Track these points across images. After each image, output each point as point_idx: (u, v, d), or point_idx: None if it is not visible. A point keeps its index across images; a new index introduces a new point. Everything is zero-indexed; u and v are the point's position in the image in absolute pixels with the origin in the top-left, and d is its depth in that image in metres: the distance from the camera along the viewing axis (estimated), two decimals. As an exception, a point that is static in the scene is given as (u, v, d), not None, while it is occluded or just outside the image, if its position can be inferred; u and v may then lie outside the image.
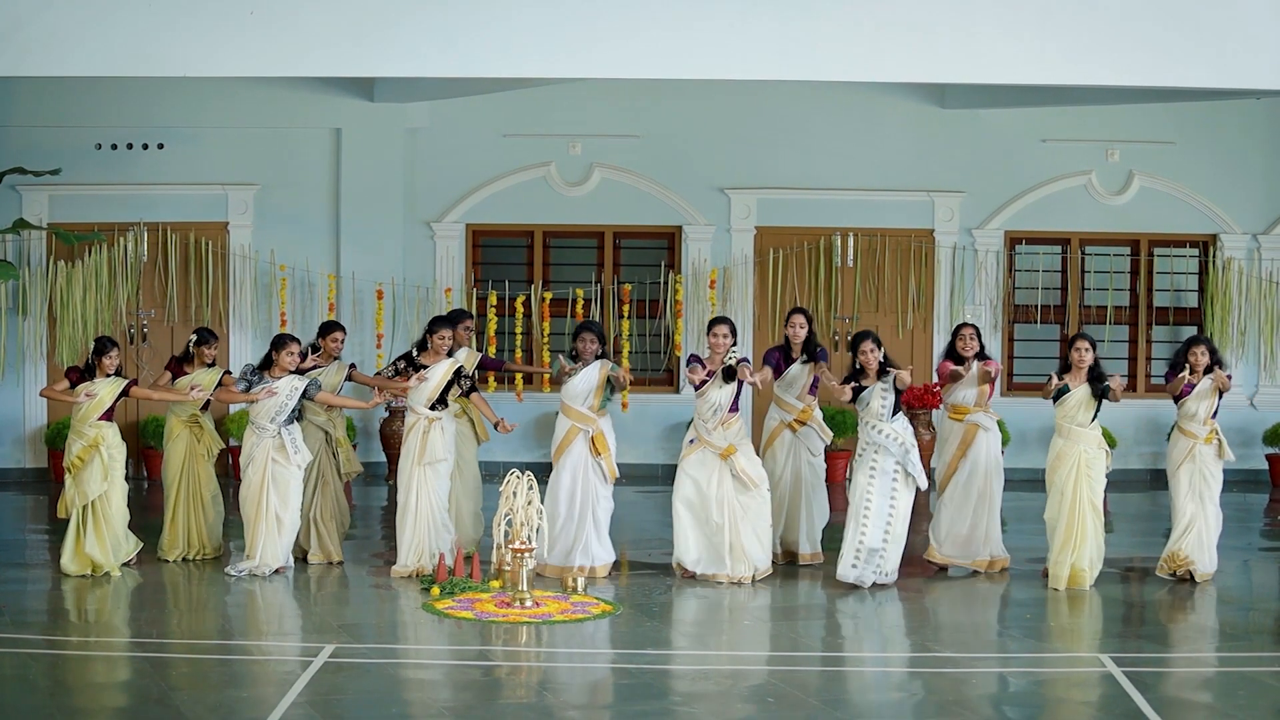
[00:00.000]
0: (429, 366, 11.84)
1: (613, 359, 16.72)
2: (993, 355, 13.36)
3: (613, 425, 12.14)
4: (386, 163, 17.47)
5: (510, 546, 10.71)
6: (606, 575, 11.85)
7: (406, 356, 12.02)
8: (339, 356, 12.56)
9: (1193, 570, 11.77)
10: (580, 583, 11.34)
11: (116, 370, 11.88)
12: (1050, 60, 12.16)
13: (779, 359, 12.34)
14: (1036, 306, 17.90)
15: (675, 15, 11.96)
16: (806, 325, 12.33)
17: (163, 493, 12.58)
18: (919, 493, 11.79)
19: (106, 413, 11.78)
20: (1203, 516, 11.81)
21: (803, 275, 17.71)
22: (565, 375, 11.96)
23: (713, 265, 17.65)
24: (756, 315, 17.68)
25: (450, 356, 11.94)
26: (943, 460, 12.22)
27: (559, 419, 12.06)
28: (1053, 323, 17.95)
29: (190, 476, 12.44)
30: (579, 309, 17.40)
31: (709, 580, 11.63)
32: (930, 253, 17.73)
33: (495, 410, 12.38)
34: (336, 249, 17.41)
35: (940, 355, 12.53)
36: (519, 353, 17.32)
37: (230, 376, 12.32)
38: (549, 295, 17.49)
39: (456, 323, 12.31)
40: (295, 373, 11.87)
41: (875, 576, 11.50)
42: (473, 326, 13.11)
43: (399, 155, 17.50)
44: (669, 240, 17.88)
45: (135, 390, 12.01)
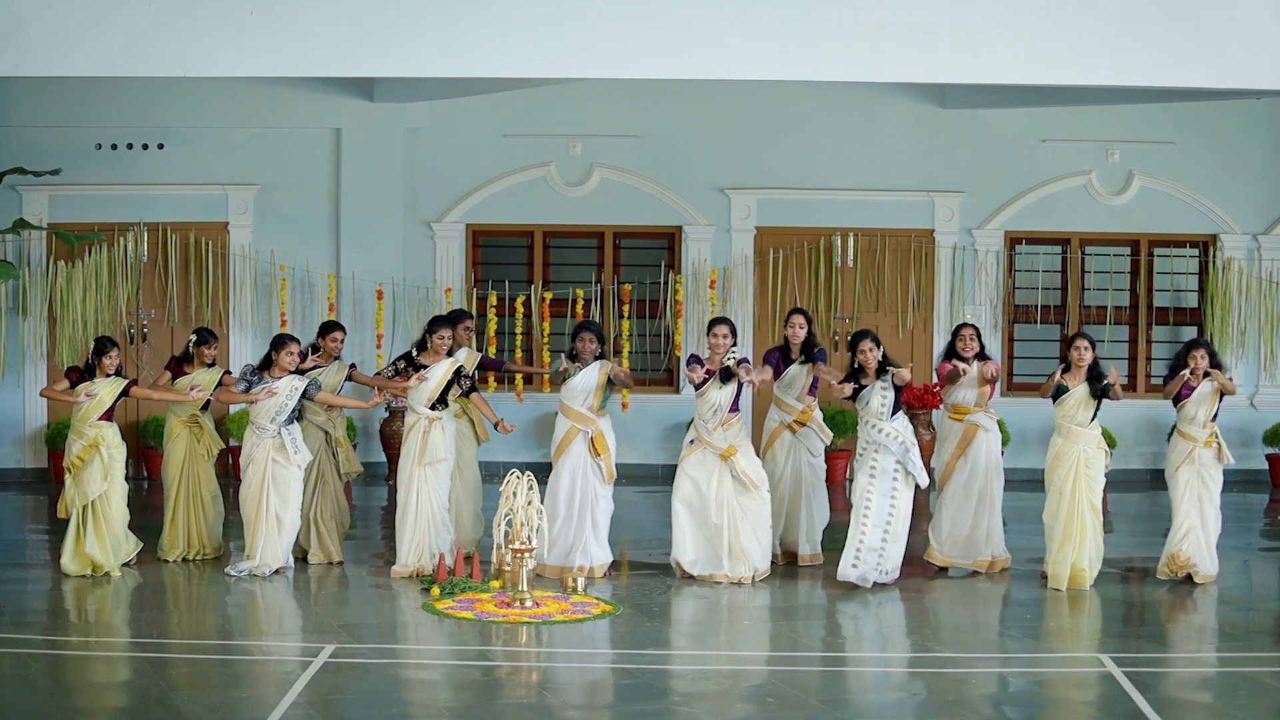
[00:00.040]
0: (429, 366, 11.84)
1: (612, 359, 16.87)
2: (993, 355, 13.35)
3: (612, 426, 12.13)
4: (386, 163, 17.47)
5: (510, 546, 10.71)
6: (604, 575, 11.86)
7: (406, 356, 12.02)
8: (339, 356, 12.56)
9: (1193, 573, 11.75)
10: (580, 583, 11.34)
11: (116, 370, 11.88)
12: (1050, 60, 12.15)
13: (778, 360, 12.34)
14: (1036, 306, 17.90)
15: (675, 15, 11.96)
16: (806, 326, 12.33)
17: (163, 493, 12.57)
18: (919, 492, 11.79)
19: (106, 413, 11.78)
20: (1201, 519, 11.78)
21: (803, 275, 17.71)
22: (563, 375, 11.96)
23: (713, 265, 17.65)
24: (756, 315, 17.68)
25: (450, 356, 11.95)
26: (941, 459, 12.22)
27: (558, 419, 12.06)
28: (1053, 323, 17.95)
29: (190, 476, 12.44)
30: (579, 309, 17.40)
31: (707, 580, 11.63)
32: (930, 253, 17.73)
33: (495, 410, 12.37)
34: (336, 249, 17.41)
35: (940, 355, 12.51)
36: (519, 353, 17.32)
37: (230, 376, 12.32)
38: (549, 295, 17.49)
39: (456, 323, 12.31)
40: (295, 373, 11.87)
41: (877, 575, 11.49)
42: (472, 327, 13.10)
43: (399, 155, 17.50)
44: (669, 240, 17.89)
45: (135, 390, 12.01)
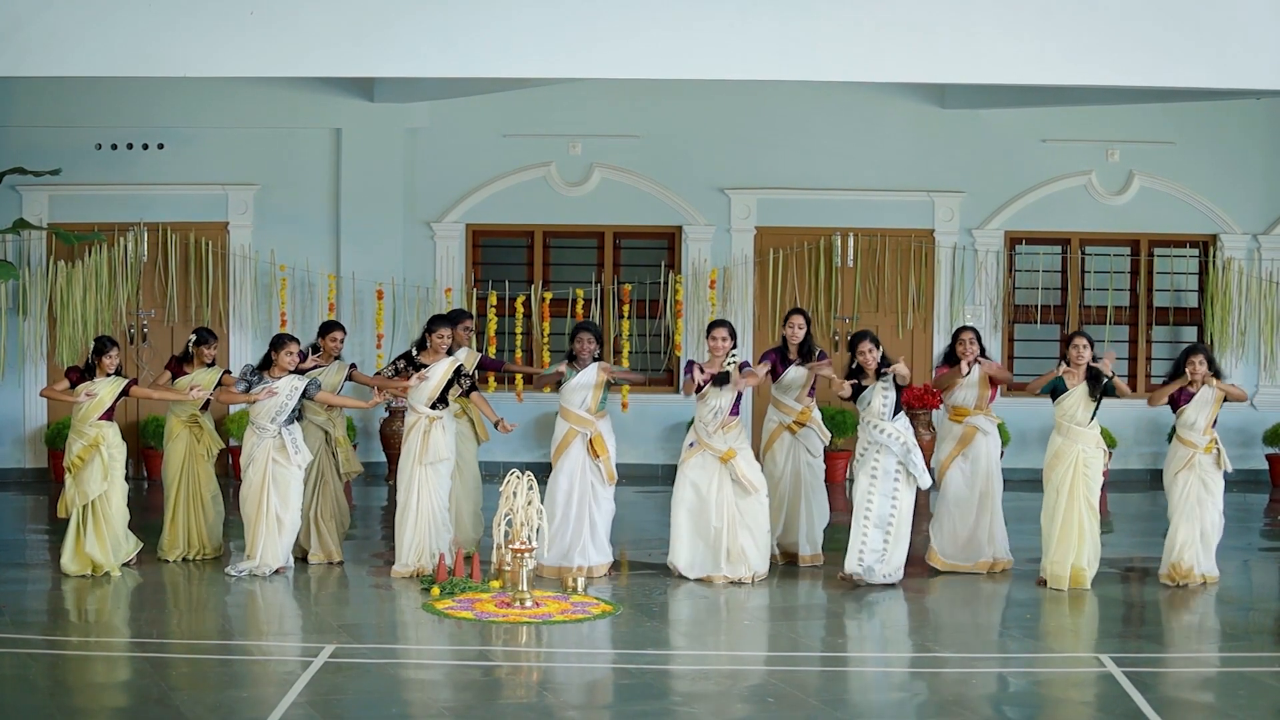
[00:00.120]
0: (429, 366, 11.84)
1: (612, 359, 16.88)
2: (993, 356, 13.34)
3: (612, 427, 12.13)
4: (386, 163, 17.47)
5: (510, 546, 10.71)
6: (603, 576, 11.85)
7: (406, 356, 12.01)
8: (339, 356, 12.56)
9: (1189, 581, 11.68)
10: (580, 583, 11.34)
11: (116, 370, 11.89)
12: (1050, 60, 12.15)
13: (775, 360, 12.34)
14: (1036, 306, 17.90)
15: (675, 15, 11.96)
16: (805, 326, 12.32)
17: (163, 493, 12.58)
18: (920, 492, 11.78)
19: (107, 412, 11.78)
20: (1202, 525, 11.72)
21: (803, 275, 17.71)
22: (558, 379, 11.92)
23: (713, 265, 17.65)
24: (756, 315, 17.68)
25: (450, 356, 11.94)
26: (938, 458, 12.20)
27: (558, 421, 12.06)
28: (1053, 323, 17.95)
29: (190, 476, 12.44)
30: (579, 309, 17.40)
31: (706, 581, 11.63)
32: (930, 253, 17.73)
33: (495, 410, 12.37)
34: (336, 249, 17.42)
35: (939, 358, 12.47)
36: (519, 353, 17.32)
37: (230, 376, 12.32)
38: (549, 295, 17.49)
39: (456, 322, 12.30)
40: (295, 372, 11.87)
41: (880, 576, 11.47)
42: (472, 327, 13.10)
43: (399, 155, 17.51)
44: (669, 240, 17.89)
45: (135, 390, 12.01)
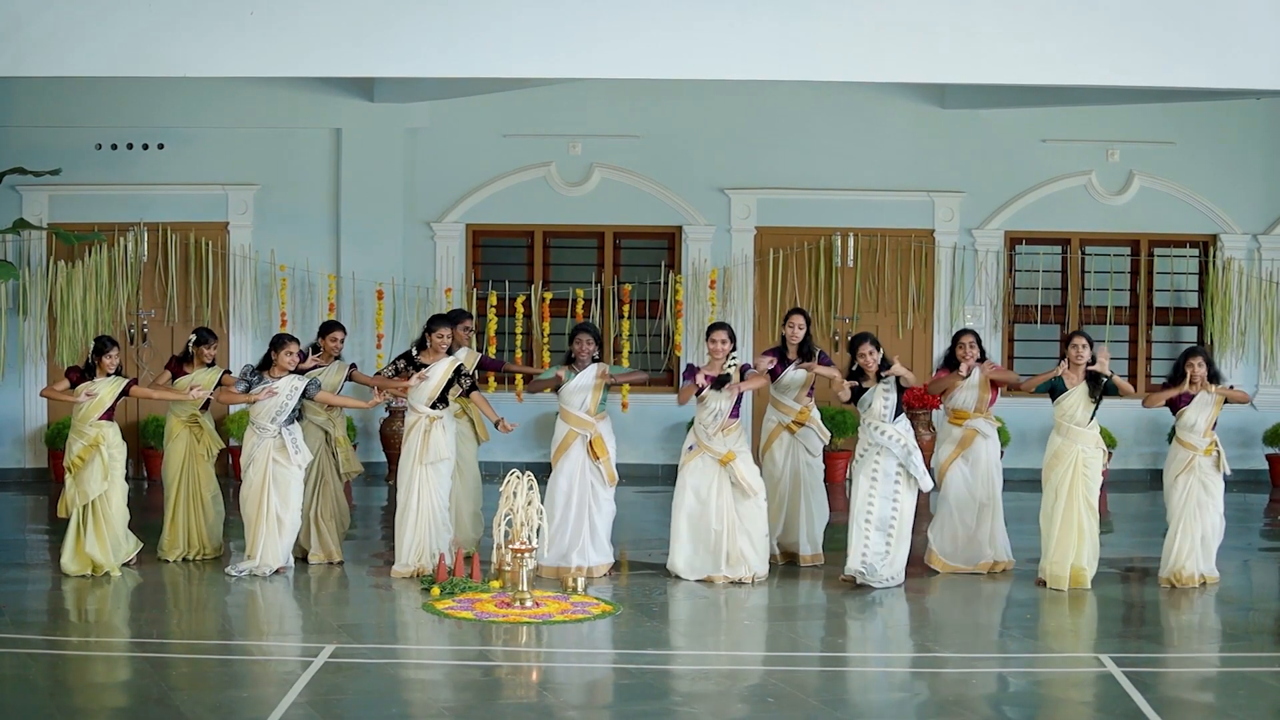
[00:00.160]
0: (429, 365, 11.83)
1: (612, 360, 16.88)
2: (992, 358, 13.30)
3: (612, 428, 12.12)
4: (386, 163, 17.47)
5: (510, 547, 10.70)
6: (603, 576, 11.85)
7: (406, 356, 12.01)
8: (339, 356, 12.56)
9: (1189, 584, 11.67)
10: (580, 583, 11.34)
11: (116, 370, 11.89)
12: (1050, 60, 12.15)
13: (776, 360, 12.34)
14: (1036, 307, 17.90)
15: (675, 15, 11.96)
16: (805, 326, 12.32)
17: (163, 493, 12.58)
18: (920, 493, 11.76)
19: (107, 412, 11.78)
20: (1202, 528, 11.69)
21: (803, 275, 17.71)
22: (557, 383, 11.92)
23: (713, 265, 17.65)
24: (756, 315, 17.68)
25: (450, 355, 11.94)
26: (937, 460, 12.18)
27: (558, 422, 12.05)
28: (1053, 323, 17.95)
29: (190, 476, 12.44)
30: (579, 309, 17.40)
31: (706, 581, 11.63)
32: (930, 253, 17.73)
33: (495, 410, 12.36)
34: (336, 249, 17.42)
35: (939, 361, 12.45)
36: (519, 353, 17.32)
37: (230, 376, 12.32)
38: (549, 295, 17.49)
39: (456, 322, 12.31)
40: (295, 372, 11.87)
41: (883, 579, 11.45)
42: (472, 327, 13.11)
43: (399, 155, 17.51)
44: (669, 240, 17.89)
45: (135, 390, 12.01)
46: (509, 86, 16.69)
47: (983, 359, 12.15)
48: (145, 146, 17.32)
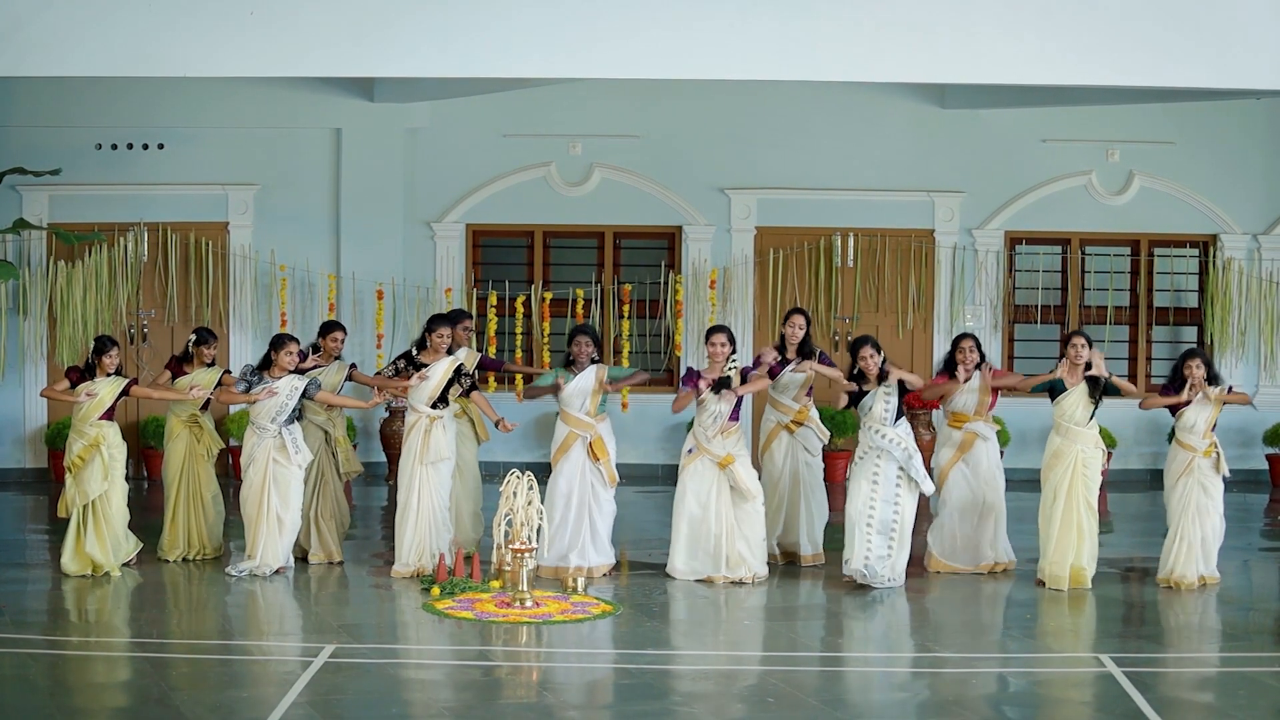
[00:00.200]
0: (429, 365, 11.83)
1: (612, 360, 16.88)
2: (992, 358, 13.30)
3: (612, 429, 12.12)
4: (386, 163, 17.47)
5: (510, 546, 10.70)
6: (603, 576, 11.85)
7: (406, 355, 12.01)
8: (339, 356, 12.56)
9: (1193, 586, 11.67)
10: (580, 583, 11.34)
11: (116, 370, 11.89)
12: (1050, 60, 12.15)
13: (777, 353, 12.33)
14: (1036, 307, 17.90)
15: (675, 15, 11.96)
16: (805, 326, 12.33)
17: (163, 493, 12.58)
18: (920, 496, 11.75)
19: (107, 412, 11.78)
20: (1202, 530, 11.68)
21: (803, 275, 17.71)
22: (556, 389, 11.92)
23: (713, 265, 17.65)
24: (756, 315, 17.69)
25: (450, 355, 11.94)
26: (938, 463, 12.17)
27: (558, 424, 12.05)
28: (1053, 323, 17.95)
29: (190, 476, 12.44)
30: (579, 309, 17.40)
31: (706, 581, 11.63)
32: (930, 253, 17.73)
33: (495, 410, 12.34)
34: (336, 249, 17.42)
35: (939, 365, 12.42)
36: (519, 353, 17.32)
37: (230, 376, 12.32)
38: (549, 295, 17.49)
39: (456, 322, 12.30)
40: (295, 372, 11.87)
41: (885, 581, 11.45)
42: (472, 327, 13.11)
43: (399, 155, 17.51)
44: (669, 240, 17.89)
45: (135, 389, 12.01)
46: (509, 86, 16.69)
47: (982, 362, 12.14)
48: (145, 146, 17.32)
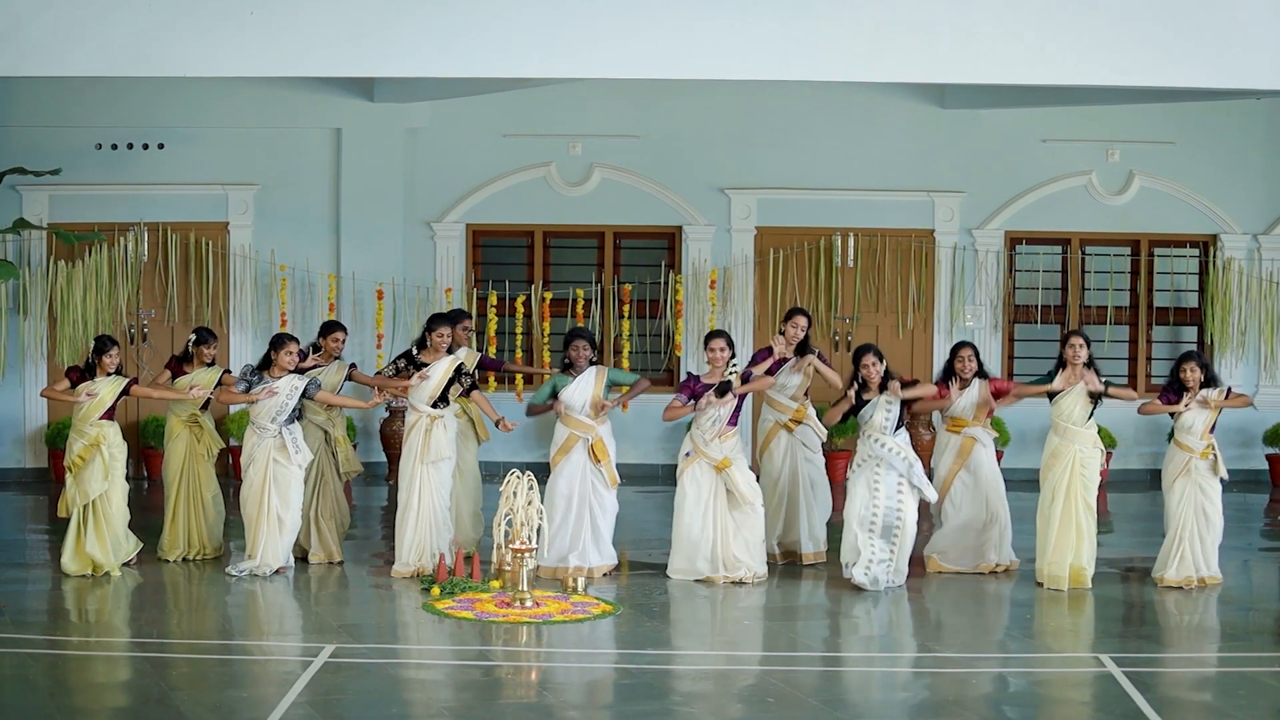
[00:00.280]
0: (429, 365, 11.83)
1: (612, 360, 16.88)
2: (992, 359, 13.29)
3: (612, 430, 12.11)
4: (386, 163, 17.47)
5: (510, 546, 10.71)
6: (604, 577, 11.85)
7: (406, 355, 12.01)
8: (340, 356, 12.56)
9: (1192, 585, 11.67)
10: (581, 583, 11.34)
11: (117, 369, 11.89)
12: (1050, 60, 12.15)
13: (768, 358, 12.33)
14: (1036, 307, 17.90)
15: (675, 15, 11.96)
16: (807, 328, 12.33)
17: (163, 493, 12.58)
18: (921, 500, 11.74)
19: (108, 412, 11.78)
20: (1201, 531, 11.68)
21: (803, 275, 17.71)
22: (550, 408, 11.95)
23: (713, 265, 17.65)
24: (756, 316, 17.68)
25: (450, 354, 11.94)
26: (939, 472, 12.15)
27: (558, 425, 12.04)
28: (1053, 323, 17.94)
29: (190, 476, 12.44)
30: (579, 309, 17.40)
31: (706, 581, 11.63)
32: (930, 253, 17.73)
33: (495, 409, 12.34)
34: (336, 249, 17.42)
35: (938, 374, 12.40)
36: (519, 353, 17.32)
37: (230, 376, 12.33)
38: (549, 295, 17.49)
39: (456, 322, 12.30)
40: (295, 372, 11.87)
41: (886, 582, 11.44)
42: (472, 327, 13.11)
43: (399, 155, 17.50)
44: (669, 240, 17.89)
45: (135, 389, 12.01)
46: (509, 86, 16.69)
47: (981, 371, 12.11)
48: (145, 146, 17.32)
